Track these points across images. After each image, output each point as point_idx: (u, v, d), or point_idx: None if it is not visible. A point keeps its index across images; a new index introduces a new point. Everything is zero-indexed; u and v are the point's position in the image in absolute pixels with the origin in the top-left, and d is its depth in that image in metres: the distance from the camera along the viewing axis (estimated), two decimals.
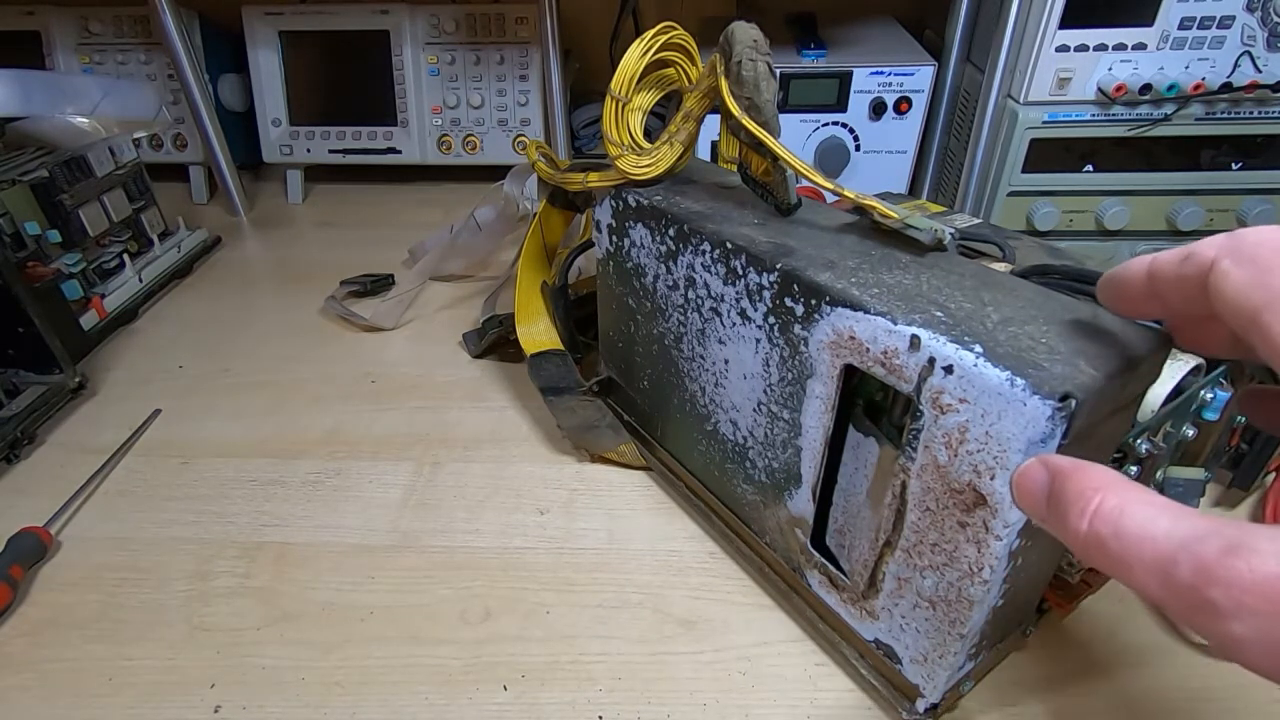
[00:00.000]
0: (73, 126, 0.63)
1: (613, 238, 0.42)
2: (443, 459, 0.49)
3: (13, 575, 0.39)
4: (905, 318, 0.26)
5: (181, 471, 0.49)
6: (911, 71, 0.66)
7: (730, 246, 0.33)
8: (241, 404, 0.55)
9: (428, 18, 0.81)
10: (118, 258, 0.65)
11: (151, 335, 0.64)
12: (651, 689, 0.35)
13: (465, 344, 0.60)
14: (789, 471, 0.34)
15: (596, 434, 0.47)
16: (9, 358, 0.53)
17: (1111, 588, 0.38)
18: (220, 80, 0.85)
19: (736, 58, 0.33)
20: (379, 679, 0.36)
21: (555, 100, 0.81)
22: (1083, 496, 0.19)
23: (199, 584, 0.41)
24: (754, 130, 0.33)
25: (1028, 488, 0.22)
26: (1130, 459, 0.33)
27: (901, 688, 0.33)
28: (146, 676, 0.36)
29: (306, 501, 0.46)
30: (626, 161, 0.38)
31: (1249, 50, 0.56)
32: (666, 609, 0.39)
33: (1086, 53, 0.57)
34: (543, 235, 0.53)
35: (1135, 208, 0.62)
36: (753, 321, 0.33)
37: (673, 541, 0.43)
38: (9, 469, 0.49)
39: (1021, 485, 0.22)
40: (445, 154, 0.85)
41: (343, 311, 0.63)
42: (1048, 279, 0.37)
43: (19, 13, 0.83)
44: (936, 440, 0.26)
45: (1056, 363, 0.23)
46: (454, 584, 0.40)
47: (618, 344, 0.46)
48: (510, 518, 0.45)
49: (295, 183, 0.88)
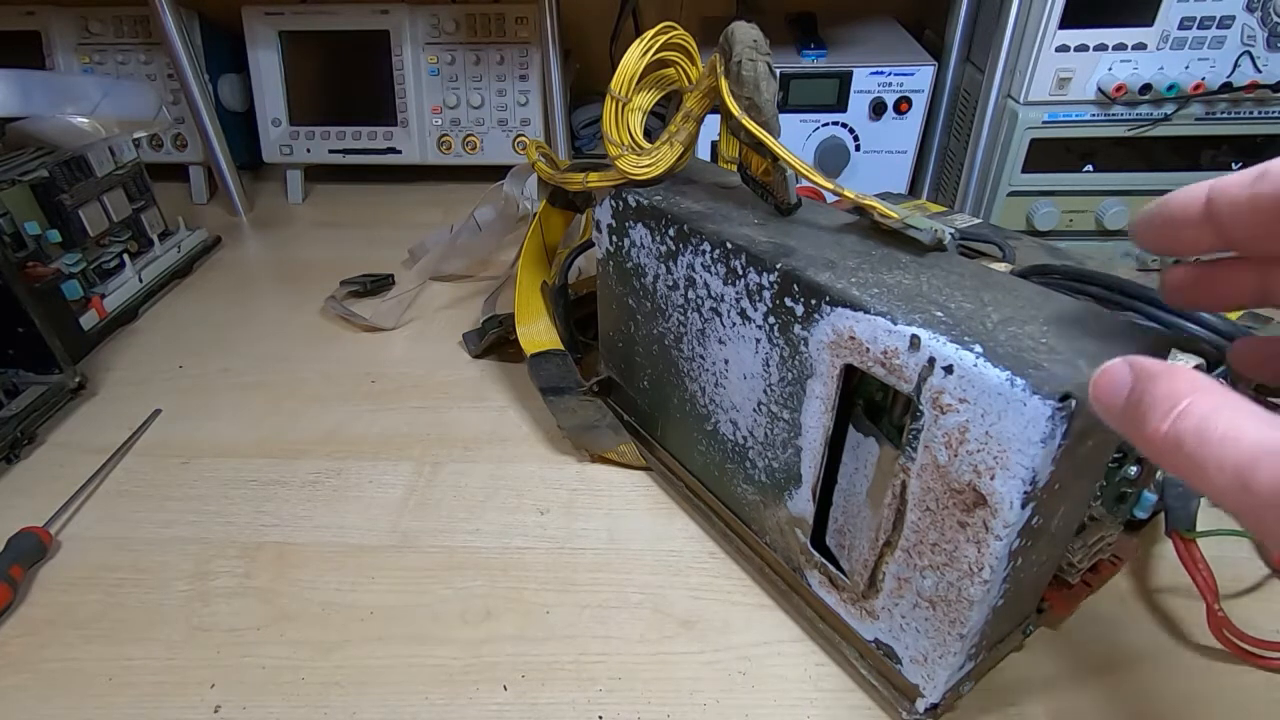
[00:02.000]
0: (73, 126, 0.63)
1: (613, 238, 0.42)
2: (443, 459, 0.49)
3: (13, 575, 0.39)
4: (905, 318, 0.26)
5: (181, 471, 0.49)
6: (911, 71, 0.66)
7: (730, 246, 0.33)
8: (241, 404, 0.55)
9: (428, 18, 0.81)
10: (118, 258, 0.65)
11: (151, 335, 0.64)
12: (651, 689, 0.35)
13: (465, 344, 0.60)
14: (789, 471, 0.34)
15: (596, 434, 0.47)
16: (9, 358, 0.53)
17: (1111, 588, 0.38)
18: (220, 80, 0.85)
19: (736, 58, 0.33)
20: (379, 679, 0.36)
21: (555, 100, 0.81)
22: (1171, 397, 0.18)
23: (199, 584, 0.41)
24: (754, 130, 0.33)
25: (1107, 386, 0.20)
26: (1130, 459, 0.33)
27: (901, 688, 0.33)
28: (146, 676, 0.36)
29: (306, 501, 0.46)
30: (626, 161, 0.38)
31: (1249, 50, 0.56)
32: (666, 609, 0.39)
33: (1086, 53, 0.57)
34: (543, 235, 0.53)
35: (1135, 208, 0.62)
36: (753, 321, 0.33)
37: (673, 541, 0.43)
38: (9, 469, 0.49)
39: (1100, 384, 0.20)
40: (445, 154, 0.85)
41: (343, 311, 0.63)
42: (1048, 279, 0.37)
43: (19, 13, 0.83)
44: (936, 440, 0.26)
45: (1056, 363, 0.23)
46: (454, 584, 0.40)
47: (618, 344, 0.46)
48: (510, 518, 0.45)
49: (295, 183, 0.88)
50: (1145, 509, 0.37)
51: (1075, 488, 0.28)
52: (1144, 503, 0.36)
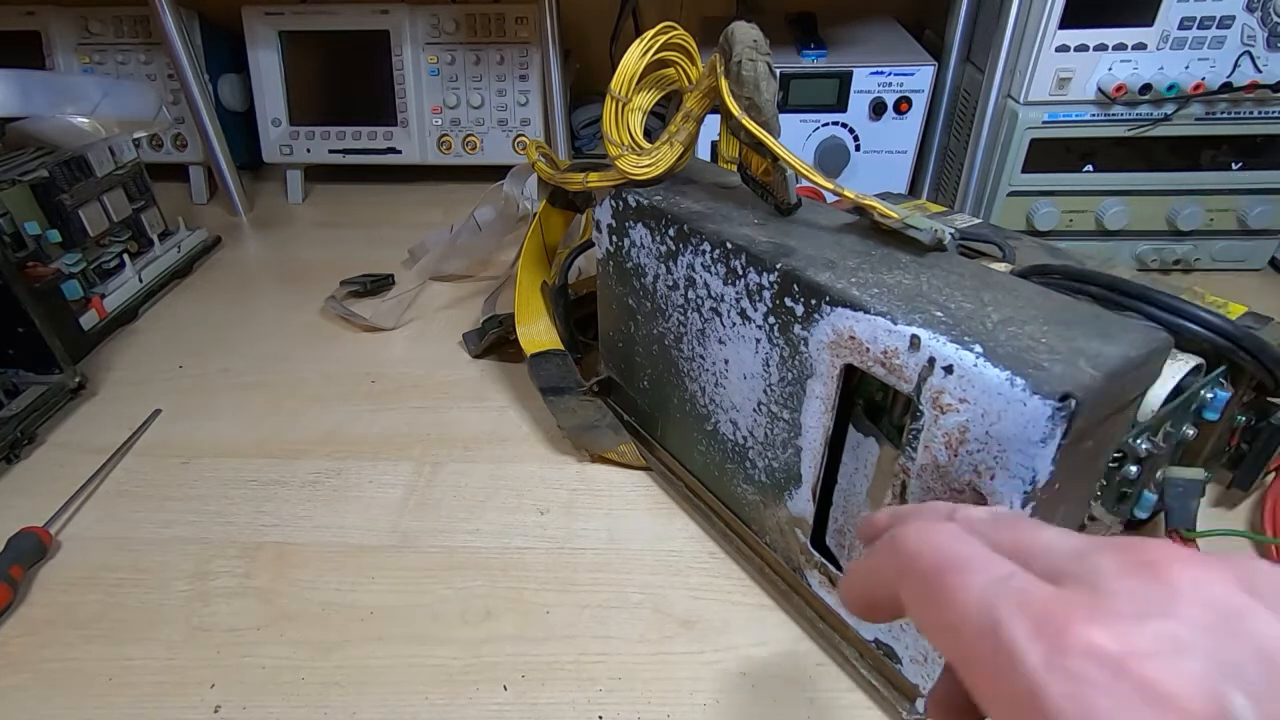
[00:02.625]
0: (73, 126, 0.63)
1: (613, 238, 0.42)
2: (443, 459, 0.49)
3: (13, 575, 0.39)
4: (905, 318, 0.26)
5: (181, 471, 0.49)
6: (911, 71, 0.66)
7: (730, 246, 0.33)
8: (241, 404, 0.55)
9: (428, 18, 0.81)
10: (118, 258, 0.65)
11: (151, 335, 0.64)
12: (651, 689, 0.35)
13: (465, 344, 0.60)
14: (789, 471, 0.34)
15: (596, 434, 0.47)
16: (9, 358, 0.53)
17: None
18: (220, 80, 0.85)
19: (736, 58, 0.33)
20: (379, 679, 0.36)
21: (555, 100, 0.81)
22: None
23: (199, 584, 0.41)
24: (754, 130, 0.33)
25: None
26: (1130, 459, 0.33)
27: (901, 688, 0.33)
28: (146, 676, 0.36)
29: (306, 501, 0.46)
30: (626, 161, 0.38)
31: (1249, 50, 0.55)
32: (666, 609, 0.39)
33: (1086, 53, 0.57)
34: (543, 235, 0.53)
35: (1135, 208, 0.62)
36: (753, 321, 0.33)
37: (673, 541, 0.43)
38: (9, 469, 0.49)
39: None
40: (445, 154, 0.85)
41: (343, 311, 0.63)
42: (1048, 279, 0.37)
43: (19, 13, 0.83)
44: (936, 440, 0.26)
45: (1056, 363, 0.23)
46: (454, 584, 0.40)
47: (618, 344, 0.46)
48: (510, 518, 0.45)
49: (295, 183, 0.88)
50: (1145, 509, 0.37)
51: (1075, 488, 0.28)
52: (1144, 503, 0.36)
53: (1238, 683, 0.11)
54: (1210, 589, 0.13)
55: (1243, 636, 0.12)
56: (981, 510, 0.18)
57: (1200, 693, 0.11)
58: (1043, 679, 0.12)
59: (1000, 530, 0.16)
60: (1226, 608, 0.12)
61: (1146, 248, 0.65)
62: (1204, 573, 0.13)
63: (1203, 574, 0.13)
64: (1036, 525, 0.16)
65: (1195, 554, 0.14)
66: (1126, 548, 0.14)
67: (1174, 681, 0.11)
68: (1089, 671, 0.12)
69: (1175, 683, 0.11)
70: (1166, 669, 0.12)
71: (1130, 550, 0.14)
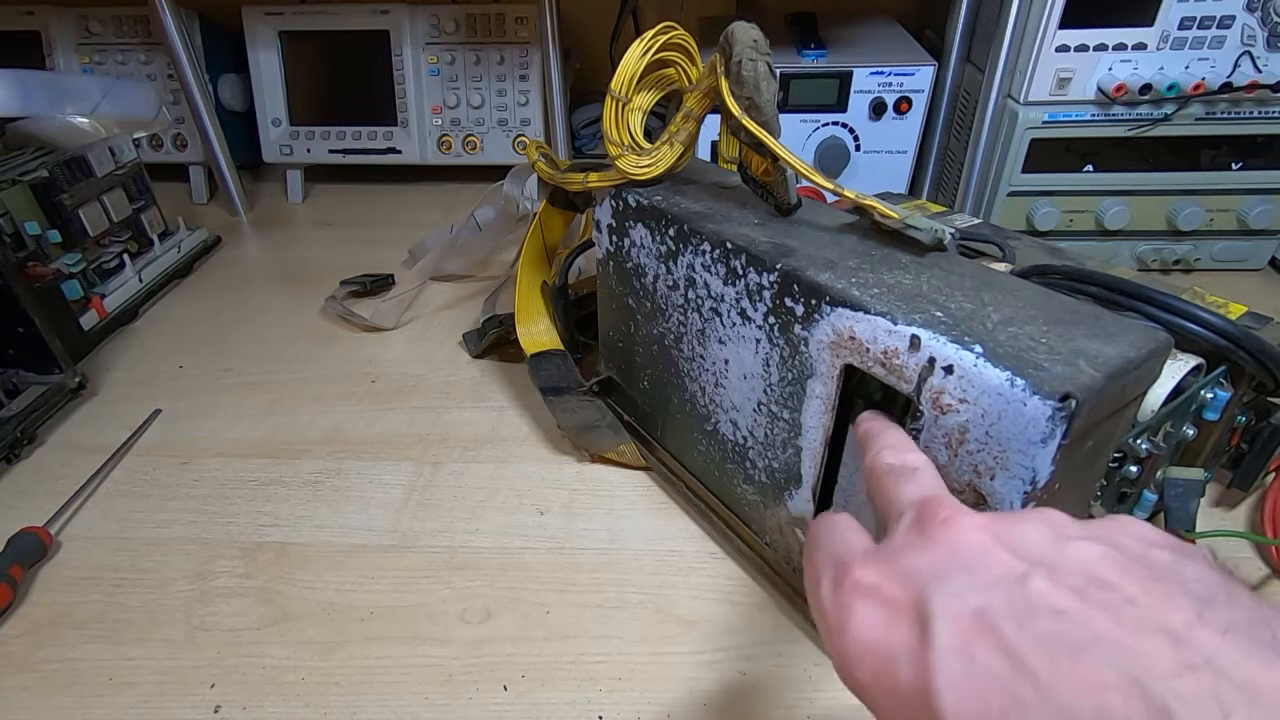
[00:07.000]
0: (73, 126, 0.63)
1: (613, 238, 0.42)
2: (443, 459, 0.49)
3: (13, 575, 0.39)
4: (905, 318, 0.26)
5: (181, 471, 0.49)
6: (911, 71, 0.66)
7: (730, 246, 0.33)
8: (241, 404, 0.55)
9: (428, 18, 0.81)
10: (118, 258, 0.65)
11: (151, 335, 0.64)
12: (651, 689, 0.35)
13: (465, 344, 0.60)
14: (789, 471, 0.34)
15: (596, 434, 0.47)
16: (9, 358, 0.53)
17: None
18: (220, 80, 0.85)
19: (736, 58, 0.33)
20: (379, 679, 0.36)
21: (555, 100, 0.81)
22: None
23: (199, 584, 0.41)
24: (754, 130, 0.33)
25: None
26: (1130, 459, 0.33)
27: None
28: (146, 676, 0.36)
29: (306, 501, 0.46)
30: (626, 161, 0.38)
31: (1249, 50, 0.55)
32: (666, 609, 0.39)
33: (1086, 53, 0.57)
34: (543, 235, 0.53)
35: (1135, 208, 0.62)
36: (753, 321, 0.33)
37: (673, 541, 0.43)
38: (9, 469, 0.49)
39: None
40: (445, 154, 0.85)
41: (343, 311, 0.63)
42: (1048, 279, 0.37)
43: (19, 13, 0.83)
44: (937, 440, 0.26)
45: (1056, 363, 0.23)
46: (454, 584, 0.40)
47: (618, 344, 0.46)
48: (510, 518, 0.45)
49: (295, 183, 0.88)
50: (1145, 509, 0.37)
51: (1075, 488, 0.28)
52: (1144, 503, 0.36)
53: (950, 594, 0.17)
54: (961, 535, 0.18)
55: (980, 570, 0.17)
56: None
57: (915, 599, 0.17)
58: (827, 604, 0.19)
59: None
60: (967, 551, 0.18)
61: (1147, 248, 0.65)
62: (961, 532, 0.18)
63: (960, 532, 0.18)
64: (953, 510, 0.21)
65: (965, 515, 0.19)
66: (926, 510, 0.20)
67: (901, 596, 0.18)
68: (852, 599, 0.18)
69: (902, 596, 0.18)
70: (899, 588, 0.18)
71: (926, 509, 0.20)
